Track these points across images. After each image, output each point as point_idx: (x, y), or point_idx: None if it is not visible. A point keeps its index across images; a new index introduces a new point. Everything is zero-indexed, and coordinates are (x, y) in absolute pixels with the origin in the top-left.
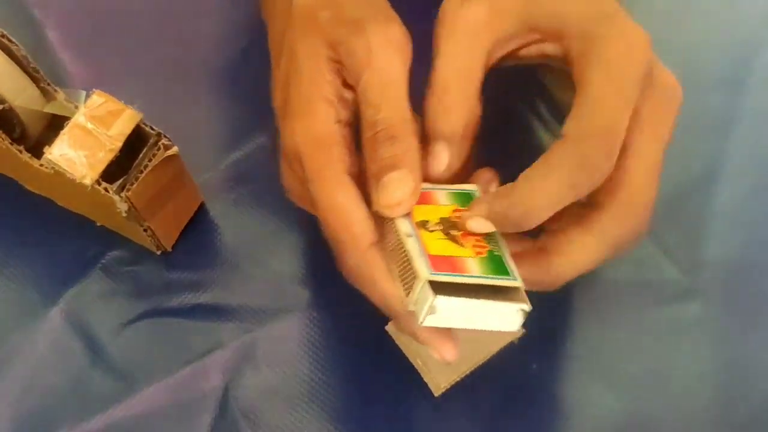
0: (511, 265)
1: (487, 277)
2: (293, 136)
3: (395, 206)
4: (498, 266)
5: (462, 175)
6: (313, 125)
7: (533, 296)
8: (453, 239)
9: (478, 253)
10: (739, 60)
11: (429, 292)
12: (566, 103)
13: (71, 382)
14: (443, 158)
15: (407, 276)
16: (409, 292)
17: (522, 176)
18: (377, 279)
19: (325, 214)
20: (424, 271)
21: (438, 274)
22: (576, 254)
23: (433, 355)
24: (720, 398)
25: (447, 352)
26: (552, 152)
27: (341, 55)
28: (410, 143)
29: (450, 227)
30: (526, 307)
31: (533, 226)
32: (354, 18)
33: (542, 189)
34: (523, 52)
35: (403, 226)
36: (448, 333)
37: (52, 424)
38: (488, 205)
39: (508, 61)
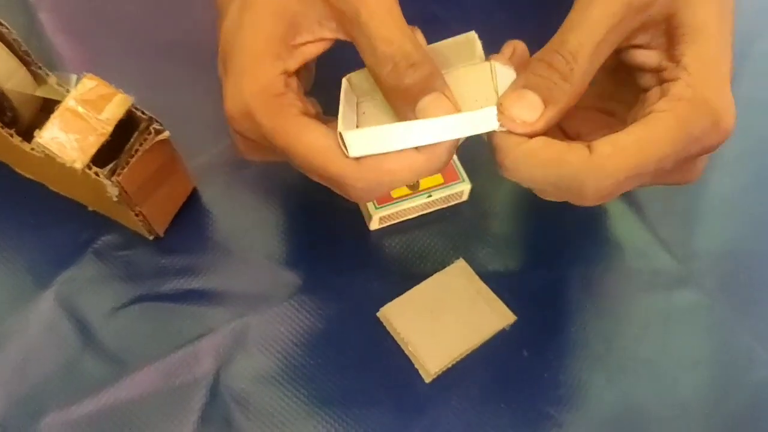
0: None
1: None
2: (242, 93)
3: None
4: None
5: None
6: (259, 78)
7: (527, 284)
8: None
9: None
10: (736, 51)
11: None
12: None
13: (62, 366)
14: (541, 117)
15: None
16: None
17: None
18: (390, 177)
19: (302, 157)
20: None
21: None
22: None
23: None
24: (712, 386)
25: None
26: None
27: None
28: (431, 66)
29: None
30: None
31: None
32: None
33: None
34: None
35: None
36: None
37: (42, 406)
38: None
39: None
